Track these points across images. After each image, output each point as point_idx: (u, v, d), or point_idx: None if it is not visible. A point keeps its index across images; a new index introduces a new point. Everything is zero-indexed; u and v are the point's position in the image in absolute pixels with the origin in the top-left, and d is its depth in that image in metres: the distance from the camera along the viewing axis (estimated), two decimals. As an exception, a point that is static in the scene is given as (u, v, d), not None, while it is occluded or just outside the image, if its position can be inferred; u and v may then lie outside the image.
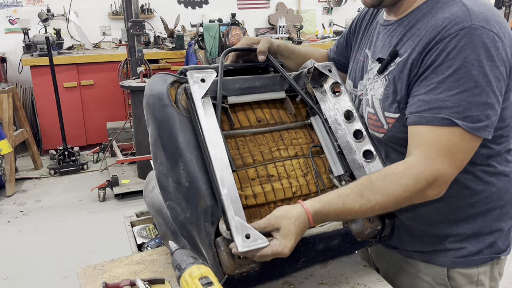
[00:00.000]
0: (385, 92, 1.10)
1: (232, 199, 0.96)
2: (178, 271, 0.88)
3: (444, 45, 0.97)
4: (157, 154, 1.12)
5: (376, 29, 1.24)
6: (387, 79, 1.10)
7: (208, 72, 1.10)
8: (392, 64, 1.09)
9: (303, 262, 1.09)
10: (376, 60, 1.15)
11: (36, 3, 5.23)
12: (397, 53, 1.09)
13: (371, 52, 1.22)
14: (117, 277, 1.17)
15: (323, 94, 1.24)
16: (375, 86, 1.15)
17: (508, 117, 1.07)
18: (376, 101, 1.13)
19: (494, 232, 1.16)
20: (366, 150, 1.15)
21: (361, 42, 1.31)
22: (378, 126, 1.14)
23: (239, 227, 0.92)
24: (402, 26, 1.11)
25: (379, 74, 1.13)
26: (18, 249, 3.16)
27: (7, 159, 3.98)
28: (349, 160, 1.16)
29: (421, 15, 1.08)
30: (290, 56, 1.36)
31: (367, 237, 1.14)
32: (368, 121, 1.17)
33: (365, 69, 1.23)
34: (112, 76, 4.70)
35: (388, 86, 1.10)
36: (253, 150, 1.14)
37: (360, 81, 1.25)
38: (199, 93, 1.06)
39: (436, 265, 1.18)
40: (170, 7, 5.79)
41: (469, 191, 1.12)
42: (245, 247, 0.90)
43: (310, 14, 6.63)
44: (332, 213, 0.97)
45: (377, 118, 1.13)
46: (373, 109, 1.14)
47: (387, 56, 1.10)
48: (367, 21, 1.32)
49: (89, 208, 3.79)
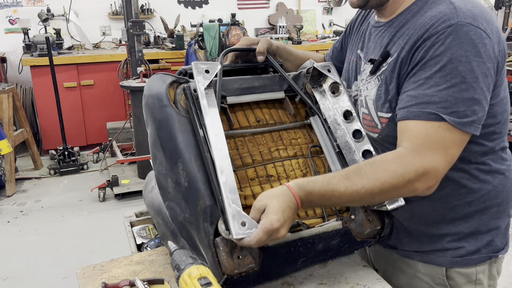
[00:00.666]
0: (378, 93, 1.12)
1: (230, 188, 0.96)
2: (177, 271, 0.88)
3: (432, 42, 0.99)
4: (156, 154, 1.12)
5: (367, 30, 1.26)
6: (380, 80, 1.12)
7: (213, 64, 1.11)
8: (384, 65, 1.11)
9: (303, 262, 1.09)
10: (368, 61, 1.17)
11: (36, 3, 5.23)
12: (388, 53, 1.10)
13: (363, 54, 1.24)
14: (117, 277, 1.17)
15: (322, 94, 1.24)
16: (368, 87, 1.17)
17: (499, 114, 1.08)
18: (370, 102, 1.15)
19: (492, 231, 1.17)
20: (366, 150, 1.15)
21: (353, 43, 1.33)
22: (372, 126, 1.16)
23: (236, 215, 0.93)
24: (393, 27, 1.13)
25: (372, 75, 1.15)
26: (18, 249, 3.16)
27: (7, 159, 3.98)
28: (348, 160, 1.16)
29: (410, 15, 1.09)
30: (288, 57, 1.37)
31: (366, 237, 1.14)
32: (363, 122, 1.18)
33: (358, 70, 1.25)
34: (112, 76, 4.70)
35: (380, 87, 1.11)
36: (252, 150, 1.14)
37: (354, 81, 1.27)
38: (202, 84, 1.07)
39: (435, 265, 1.18)
40: (170, 7, 5.79)
41: (465, 189, 1.12)
42: (240, 234, 0.91)
43: (310, 14, 6.63)
44: (316, 191, 0.95)
45: (371, 118, 1.15)
46: (367, 109, 1.16)
47: (379, 57, 1.12)
48: (359, 22, 1.34)
49: (89, 208, 3.79)
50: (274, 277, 1.10)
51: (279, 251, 1.03)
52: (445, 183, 1.09)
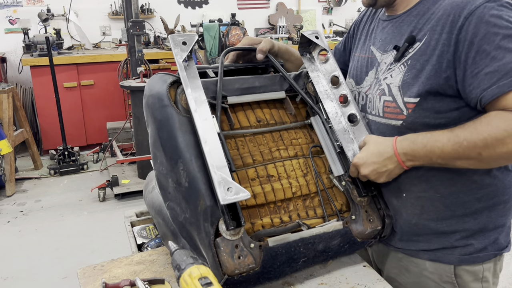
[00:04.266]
0: (404, 78, 1.11)
1: (215, 157, 0.97)
2: (178, 271, 0.88)
3: (479, 16, 0.98)
4: (156, 154, 1.12)
5: (378, 26, 1.26)
6: (406, 65, 1.11)
7: (189, 35, 1.12)
8: (410, 50, 1.11)
9: (303, 263, 1.09)
10: (393, 49, 1.15)
11: (36, 3, 5.23)
12: (414, 38, 1.10)
13: (378, 46, 1.23)
14: (117, 277, 1.16)
15: (311, 62, 1.26)
16: (392, 75, 1.15)
17: None
18: (395, 88, 1.13)
19: (498, 228, 1.17)
20: (351, 114, 1.20)
21: (361, 41, 1.33)
22: (396, 113, 1.13)
23: (221, 181, 0.93)
24: (412, 15, 1.14)
25: (396, 62, 1.14)
26: (18, 249, 3.16)
27: (7, 159, 3.98)
28: (338, 129, 1.18)
29: (430, 3, 1.11)
30: (290, 58, 1.37)
31: (367, 237, 1.14)
32: (384, 110, 1.17)
33: (371, 65, 1.24)
34: (112, 76, 4.70)
35: (407, 72, 1.10)
36: (253, 150, 1.14)
37: (366, 77, 1.26)
38: (180, 56, 1.08)
39: (443, 263, 1.18)
40: (170, 7, 5.79)
41: (476, 185, 1.13)
42: (226, 200, 0.91)
43: (310, 14, 6.63)
44: (419, 141, 1.03)
45: (395, 105, 1.13)
46: (391, 96, 1.14)
47: (404, 42, 1.12)
48: (365, 22, 1.35)
49: (89, 208, 3.79)
50: (275, 277, 1.10)
51: (280, 251, 1.03)
52: (457, 179, 1.11)
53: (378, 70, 1.21)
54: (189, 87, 1.05)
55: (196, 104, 1.03)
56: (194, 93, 1.04)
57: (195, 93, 1.04)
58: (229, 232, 0.97)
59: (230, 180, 0.94)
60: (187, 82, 1.05)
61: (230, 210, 0.97)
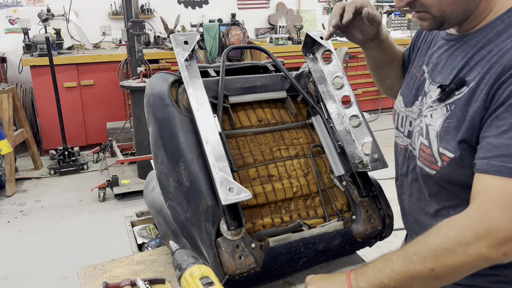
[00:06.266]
0: (444, 125, 0.94)
1: (217, 157, 0.96)
2: (179, 271, 0.88)
3: None
4: (158, 154, 1.12)
5: (436, 41, 1.08)
6: (449, 110, 0.94)
7: (191, 34, 1.12)
8: (457, 93, 0.93)
9: (304, 263, 1.09)
10: (438, 87, 0.98)
11: (36, 3, 5.22)
12: (464, 82, 0.92)
13: (429, 69, 1.06)
14: (118, 277, 1.16)
15: (315, 62, 1.25)
16: (433, 115, 0.98)
17: None
18: (433, 133, 0.97)
19: None
20: (353, 115, 1.18)
21: (419, 53, 1.16)
22: (431, 162, 0.98)
23: (223, 182, 0.93)
24: (469, 45, 0.95)
25: (440, 102, 0.97)
26: (18, 249, 3.15)
27: (7, 159, 3.98)
28: (339, 129, 1.17)
29: (493, 35, 0.90)
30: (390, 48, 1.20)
31: (367, 237, 1.14)
32: (420, 153, 1.02)
33: (421, 90, 1.07)
34: (112, 76, 4.70)
35: (449, 119, 0.93)
36: (254, 150, 1.14)
37: (415, 101, 1.09)
38: (182, 55, 1.08)
39: None
40: (170, 7, 5.79)
41: None
42: (228, 200, 0.92)
43: (310, 14, 6.63)
44: (370, 264, 0.91)
45: (430, 152, 0.98)
46: (427, 140, 0.98)
47: (452, 84, 0.94)
48: (425, 32, 1.16)
49: (89, 208, 3.78)
50: (276, 277, 1.10)
51: (281, 251, 1.03)
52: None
53: (423, 102, 1.05)
54: (191, 87, 1.05)
55: (197, 104, 1.03)
56: (196, 93, 1.04)
57: (196, 92, 1.04)
58: (230, 232, 0.97)
59: (232, 180, 0.94)
60: (189, 82, 1.05)
61: (231, 210, 0.97)
